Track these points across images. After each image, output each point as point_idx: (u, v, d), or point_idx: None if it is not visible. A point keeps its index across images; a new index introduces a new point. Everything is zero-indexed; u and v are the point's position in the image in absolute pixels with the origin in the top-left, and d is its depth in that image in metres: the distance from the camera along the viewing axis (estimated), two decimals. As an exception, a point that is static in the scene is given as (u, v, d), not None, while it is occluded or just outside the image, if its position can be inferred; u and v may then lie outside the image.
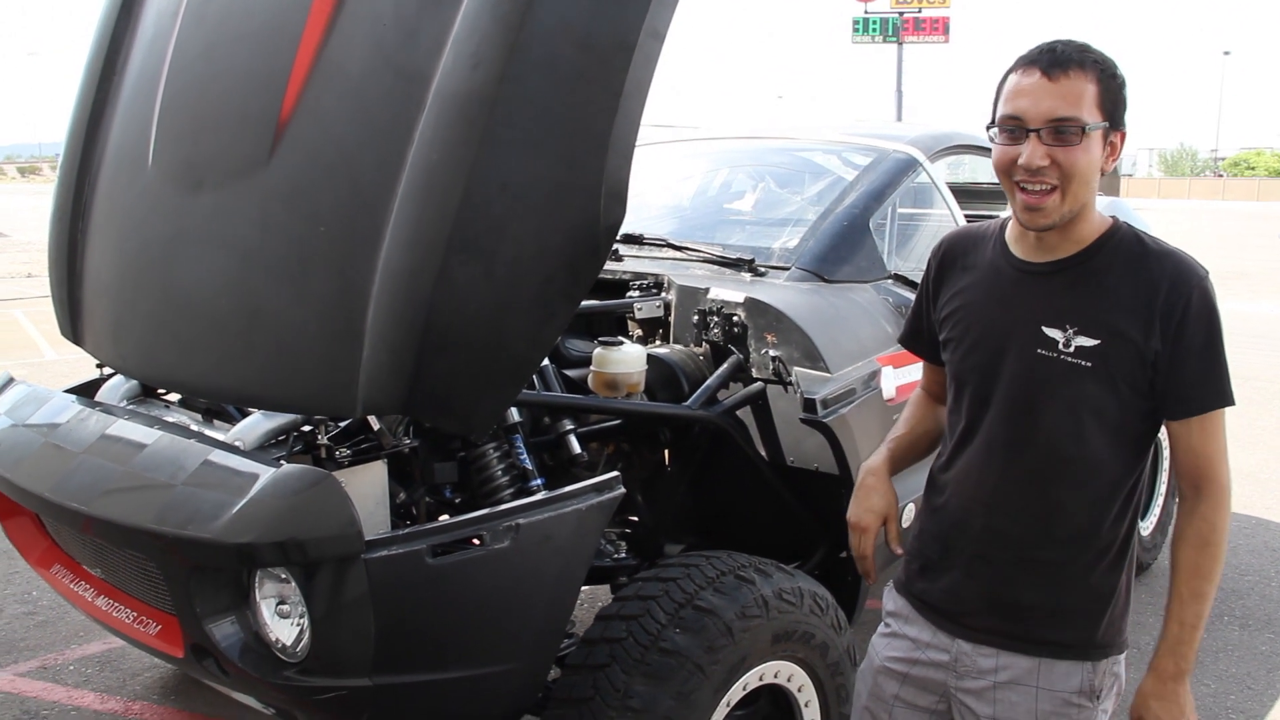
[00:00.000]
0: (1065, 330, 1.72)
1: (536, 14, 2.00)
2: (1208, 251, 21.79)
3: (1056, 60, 1.66)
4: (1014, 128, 1.69)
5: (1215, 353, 1.69)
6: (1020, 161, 1.67)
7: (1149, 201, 50.63)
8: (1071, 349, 1.71)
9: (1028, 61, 1.69)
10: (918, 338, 2.07)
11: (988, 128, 1.76)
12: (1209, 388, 1.70)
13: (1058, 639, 1.80)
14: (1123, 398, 1.72)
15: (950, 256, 1.96)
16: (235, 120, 2.37)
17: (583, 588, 3.77)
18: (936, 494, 1.94)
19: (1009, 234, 1.85)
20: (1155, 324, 1.67)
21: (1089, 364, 1.70)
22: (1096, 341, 1.70)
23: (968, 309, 1.87)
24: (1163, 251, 1.73)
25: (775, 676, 2.56)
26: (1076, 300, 1.73)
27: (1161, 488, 4.97)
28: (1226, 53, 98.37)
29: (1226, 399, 1.71)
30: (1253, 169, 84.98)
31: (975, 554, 1.85)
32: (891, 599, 2.03)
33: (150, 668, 3.72)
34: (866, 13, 41.68)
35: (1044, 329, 1.74)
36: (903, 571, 2.02)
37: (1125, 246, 1.75)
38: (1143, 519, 4.79)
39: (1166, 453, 4.97)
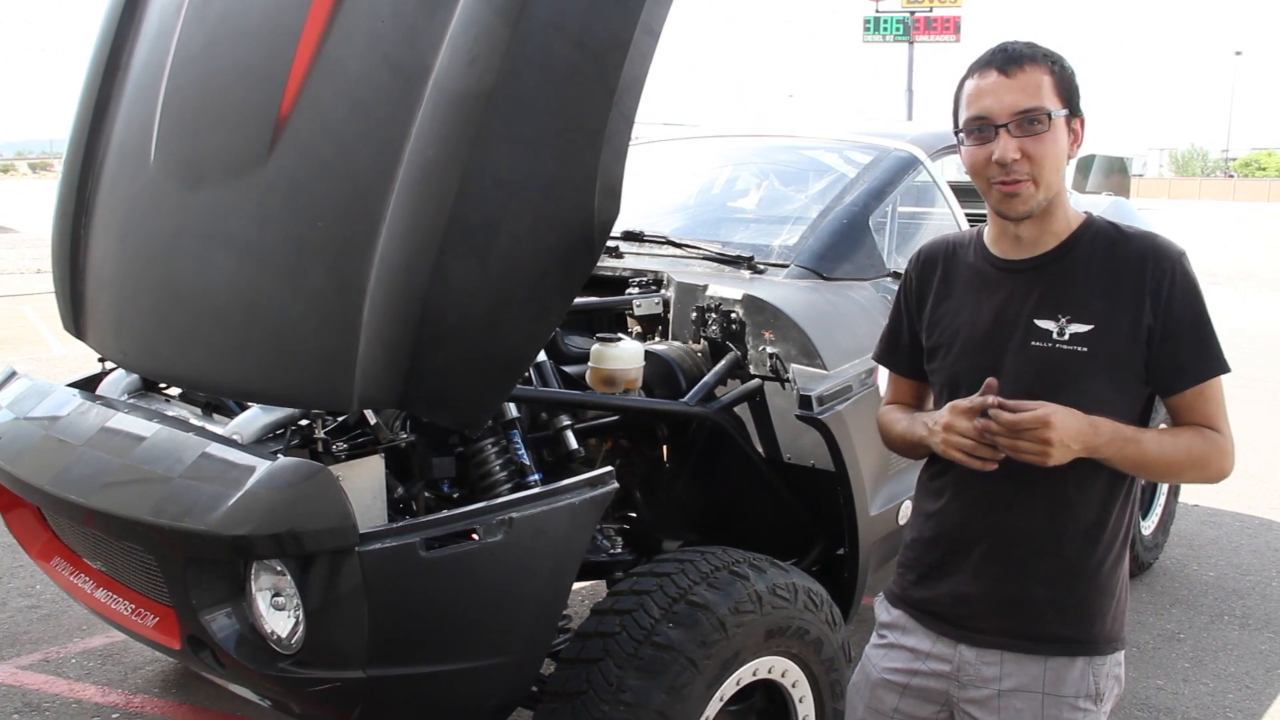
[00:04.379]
0: (1058, 320, 1.75)
1: (532, 11, 2.01)
2: (1218, 253, 21.71)
3: (1010, 58, 1.72)
4: (982, 127, 1.74)
5: (1205, 322, 1.73)
6: (995, 157, 1.71)
7: (1159, 202, 50.42)
8: (1066, 336, 1.74)
9: (983, 65, 1.75)
10: (895, 352, 2.05)
11: (955, 133, 1.81)
12: (1205, 357, 1.73)
13: (1067, 635, 1.80)
14: (1121, 380, 1.74)
15: (929, 266, 1.97)
16: (235, 117, 2.39)
17: (581, 583, 3.81)
18: (931, 499, 1.93)
19: (987, 237, 1.89)
20: (1145, 301, 1.72)
21: (1085, 349, 1.73)
22: (1090, 327, 1.73)
23: (955, 314, 1.89)
24: (1138, 233, 1.78)
25: (769, 672, 2.57)
26: (1064, 290, 1.77)
27: (1164, 487, 4.97)
28: (1238, 53, 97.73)
29: (1223, 366, 1.75)
30: (1264, 169, 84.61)
31: (984, 554, 1.84)
32: (885, 610, 2.02)
33: (152, 661, 3.74)
34: (878, 12, 41.63)
35: (1036, 322, 1.77)
36: (896, 583, 2.00)
37: (1103, 235, 1.79)
38: (1144, 518, 4.79)
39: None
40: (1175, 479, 1.79)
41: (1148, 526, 4.82)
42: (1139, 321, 1.72)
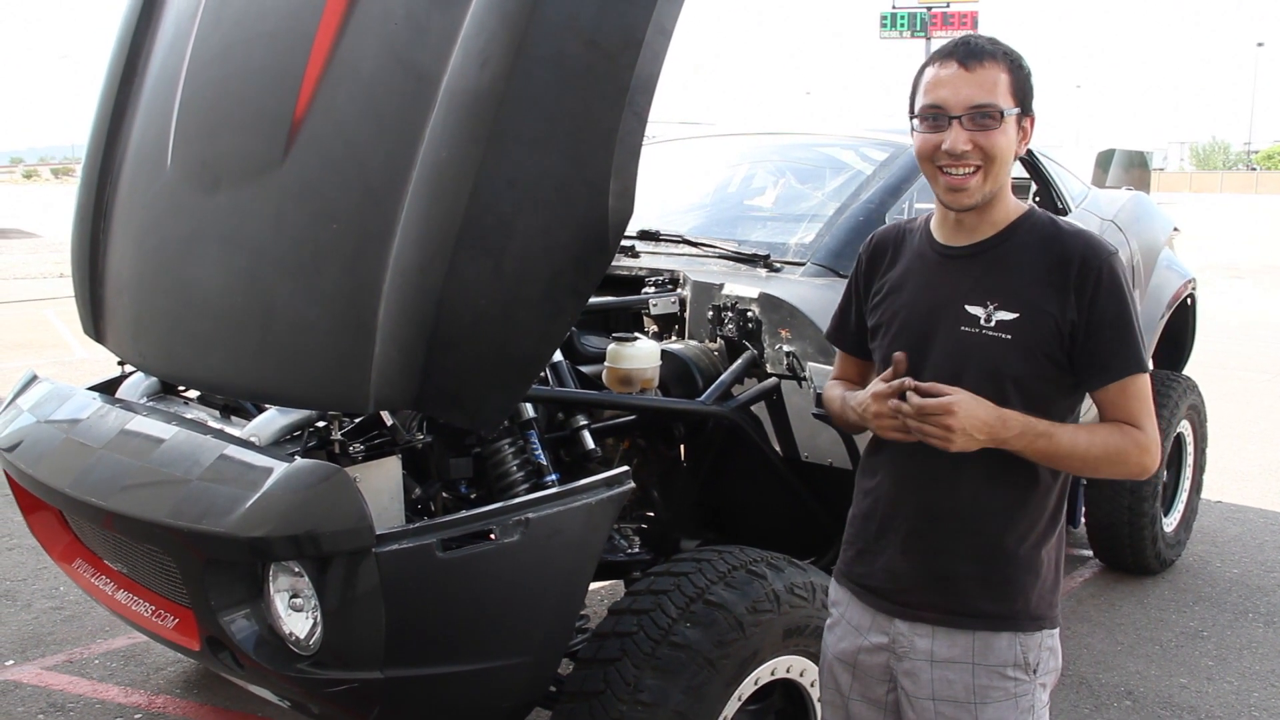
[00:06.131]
0: (986, 306, 1.81)
1: (544, 11, 2.01)
2: (1238, 245, 21.55)
3: (971, 52, 1.78)
4: (935, 115, 1.79)
5: (1128, 322, 1.78)
6: (944, 147, 1.77)
7: (1180, 196, 50.06)
8: (992, 323, 1.80)
9: (944, 55, 1.81)
10: (844, 330, 2.13)
11: (910, 118, 1.86)
12: (1125, 355, 1.78)
13: (991, 610, 1.85)
14: (1041, 368, 1.80)
15: (879, 250, 2.04)
16: (251, 120, 2.40)
17: (599, 583, 3.80)
18: (869, 477, 2.00)
19: (933, 223, 1.95)
20: (1070, 297, 1.77)
21: (1008, 336, 1.79)
22: (1015, 315, 1.79)
23: (896, 295, 1.95)
24: (1074, 230, 1.84)
25: (788, 671, 2.56)
26: (996, 278, 1.83)
27: (1185, 484, 4.94)
28: (1260, 44, 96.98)
29: (1142, 366, 1.79)
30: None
31: (910, 530, 1.90)
32: (833, 587, 2.08)
33: (173, 662, 3.77)
34: (894, 7, 41.48)
35: (966, 307, 1.83)
36: (841, 560, 2.06)
37: (1040, 227, 1.85)
38: (1166, 515, 4.76)
39: (1190, 449, 4.94)
40: (1093, 473, 1.84)
41: (1170, 523, 4.79)
42: (1063, 315, 1.77)
